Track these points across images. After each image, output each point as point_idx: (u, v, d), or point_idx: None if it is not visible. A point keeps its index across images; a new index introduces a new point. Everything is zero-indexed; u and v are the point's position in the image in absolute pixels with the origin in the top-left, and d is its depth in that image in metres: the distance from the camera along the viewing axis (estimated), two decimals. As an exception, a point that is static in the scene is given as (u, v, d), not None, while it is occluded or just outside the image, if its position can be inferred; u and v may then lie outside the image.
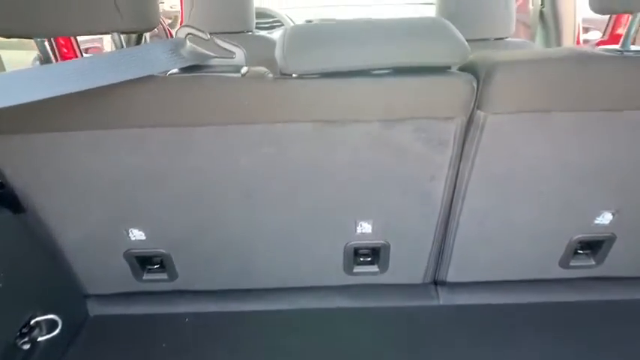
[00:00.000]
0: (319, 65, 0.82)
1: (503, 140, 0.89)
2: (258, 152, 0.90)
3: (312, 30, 0.89)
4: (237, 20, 1.81)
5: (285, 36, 0.87)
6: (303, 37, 0.85)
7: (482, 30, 1.69)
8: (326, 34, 0.85)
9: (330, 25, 0.90)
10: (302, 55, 0.82)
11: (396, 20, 0.89)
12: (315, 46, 0.82)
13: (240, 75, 0.86)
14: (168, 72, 0.86)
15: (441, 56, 0.82)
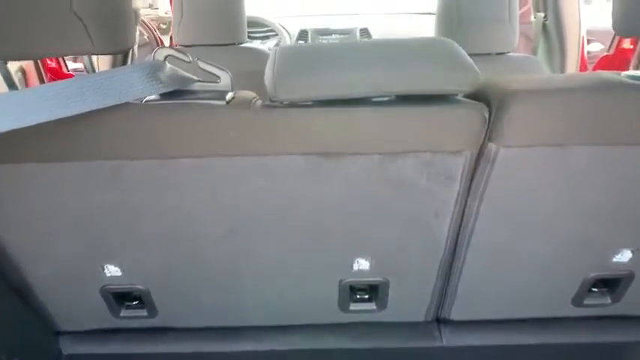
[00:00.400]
0: (312, 92, 0.73)
1: (516, 174, 0.81)
2: (244, 186, 0.82)
3: (304, 52, 0.80)
4: (228, 32, 1.72)
5: (274, 59, 0.78)
6: (295, 60, 0.77)
7: (484, 44, 1.61)
8: (320, 57, 0.77)
9: (325, 46, 0.82)
10: (293, 81, 0.74)
11: (398, 42, 0.81)
12: (308, 71, 0.74)
13: (225, 102, 0.78)
14: (144, 99, 0.78)
15: (448, 83, 0.73)
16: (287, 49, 0.81)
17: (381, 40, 0.82)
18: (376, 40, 0.83)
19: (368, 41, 0.75)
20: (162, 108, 0.76)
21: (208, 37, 1.72)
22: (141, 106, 0.76)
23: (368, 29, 2.91)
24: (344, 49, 0.80)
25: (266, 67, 0.79)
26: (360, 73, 0.73)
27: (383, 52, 0.77)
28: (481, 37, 1.61)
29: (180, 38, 1.72)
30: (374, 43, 0.81)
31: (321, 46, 0.83)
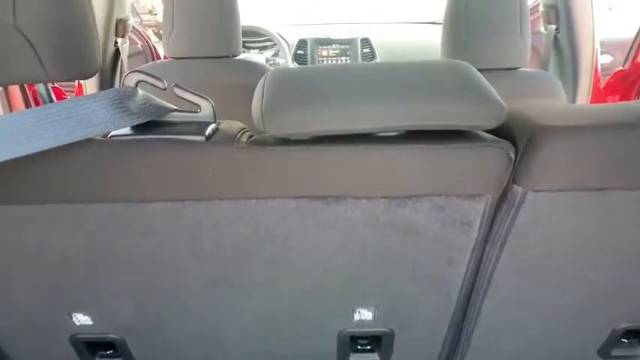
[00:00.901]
0: (308, 127, 0.63)
1: (544, 220, 0.70)
2: (227, 233, 0.71)
3: (299, 78, 0.70)
4: (222, 44, 1.62)
5: (263, 86, 0.68)
6: (288, 88, 0.66)
7: (494, 58, 1.51)
8: (318, 84, 0.66)
9: (323, 70, 0.71)
10: (285, 113, 0.63)
11: (408, 66, 0.70)
12: (303, 101, 0.63)
13: (205, 137, 0.67)
14: (109, 133, 0.67)
15: (468, 118, 0.63)
16: (278, 74, 0.70)
17: (387, 65, 0.72)
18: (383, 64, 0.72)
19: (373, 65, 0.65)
20: (129, 145, 0.66)
21: (201, 49, 1.61)
22: (105, 143, 0.65)
23: (369, 39, 2.81)
24: (345, 74, 0.70)
25: (254, 94, 0.68)
26: (364, 104, 0.62)
27: (391, 79, 0.67)
28: (491, 52, 1.50)
29: (171, 50, 1.62)
30: (380, 67, 0.71)
31: (319, 70, 0.72)
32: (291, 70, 0.76)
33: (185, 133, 0.67)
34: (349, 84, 0.66)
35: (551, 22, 1.81)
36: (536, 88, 1.52)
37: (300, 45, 2.78)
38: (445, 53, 1.55)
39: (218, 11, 1.58)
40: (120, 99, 0.63)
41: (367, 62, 0.77)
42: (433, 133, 0.64)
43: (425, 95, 0.63)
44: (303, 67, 0.79)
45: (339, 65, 0.74)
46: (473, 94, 0.63)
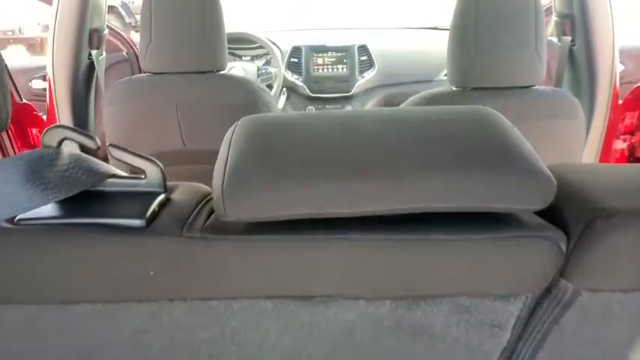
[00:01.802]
0: (284, 209, 0.47)
1: (597, 321, 0.54)
2: (181, 337, 0.55)
3: (275, 137, 0.54)
4: (205, 58, 1.46)
5: (229, 146, 0.52)
6: (258, 153, 0.51)
7: (507, 76, 1.36)
8: (300, 146, 0.51)
9: (307, 121, 0.56)
10: (254, 193, 0.48)
11: (420, 118, 0.55)
12: (279, 174, 0.48)
13: (145, 221, 0.51)
14: (17, 217, 0.51)
15: (506, 198, 0.47)
16: (249, 128, 0.55)
17: (392, 116, 0.56)
18: (385, 115, 0.55)
19: (373, 116, 0.50)
20: (42, 233, 0.50)
21: (182, 64, 1.46)
22: (11, 231, 0.50)
23: (367, 46, 2.66)
24: (338, 131, 0.54)
25: (217, 159, 0.53)
26: (363, 179, 0.47)
27: (397, 139, 0.51)
28: (502, 68, 1.35)
29: (148, 64, 1.47)
30: (383, 120, 0.55)
31: (303, 122, 0.57)
32: (265, 122, 0.60)
33: (119, 215, 0.51)
34: (342, 146, 0.50)
35: (566, 33, 1.65)
36: (552, 109, 1.37)
37: (293, 52, 2.64)
38: (451, 70, 1.40)
39: (200, 22, 1.43)
40: (33, 167, 0.48)
41: (366, 112, 0.63)
42: (455, 217, 0.49)
43: (446, 166, 0.47)
44: (283, 118, 0.63)
45: (329, 116, 0.56)
46: (511, 166, 0.48)
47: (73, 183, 0.50)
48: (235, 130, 0.56)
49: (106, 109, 1.50)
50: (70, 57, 1.59)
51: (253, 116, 0.61)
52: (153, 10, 1.43)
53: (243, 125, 0.57)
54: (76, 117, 1.66)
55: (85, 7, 1.58)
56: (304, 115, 0.60)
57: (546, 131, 1.37)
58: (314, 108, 2.67)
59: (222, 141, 0.58)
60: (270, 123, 0.59)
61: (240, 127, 0.57)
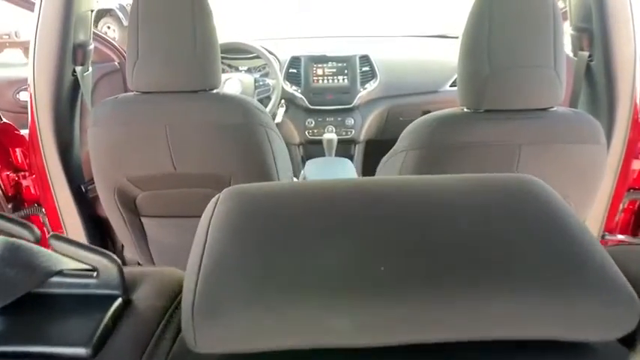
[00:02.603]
0: (273, 340, 0.36)
1: None
2: None
3: (263, 225, 0.43)
4: (197, 76, 1.35)
5: (206, 232, 0.41)
6: (241, 254, 0.39)
7: (522, 97, 1.24)
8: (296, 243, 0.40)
9: (310, 198, 0.45)
10: (232, 320, 0.36)
11: (455, 193, 0.43)
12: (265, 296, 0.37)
13: (90, 349, 0.40)
14: None
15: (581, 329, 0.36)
16: (231, 209, 0.44)
17: (418, 189, 0.44)
18: (409, 189, 0.42)
19: (395, 194, 0.39)
20: None
21: (171, 83, 1.35)
22: None
23: (369, 56, 2.55)
24: (350, 224, 0.42)
25: (193, 243, 0.42)
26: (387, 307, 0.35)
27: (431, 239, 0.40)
28: (519, 88, 1.24)
29: (135, 83, 1.36)
30: (407, 199, 0.43)
31: (304, 208, 0.45)
32: (254, 199, 0.49)
33: (58, 340, 0.40)
34: (356, 249, 0.39)
35: (584, 48, 1.54)
36: (572, 133, 1.26)
37: (292, 62, 2.53)
38: (463, 90, 1.29)
39: (191, 37, 1.32)
40: None
41: (384, 186, 0.51)
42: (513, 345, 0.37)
43: (504, 285, 0.36)
44: (278, 193, 0.50)
45: (335, 193, 0.44)
46: (587, 288, 0.36)
47: (3, 288, 0.39)
48: (216, 207, 0.46)
49: (91, 130, 1.39)
50: (52, 74, 1.48)
51: (240, 188, 0.50)
52: (140, 25, 1.32)
53: (226, 202, 0.46)
54: (59, 138, 1.55)
55: (67, 20, 1.47)
56: (305, 189, 0.48)
57: (566, 157, 1.27)
58: (313, 121, 2.57)
59: (204, 213, 0.47)
60: (261, 201, 0.48)
61: (222, 204, 0.46)
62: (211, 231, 0.43)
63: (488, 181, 0.48)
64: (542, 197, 0.45)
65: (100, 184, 1.48)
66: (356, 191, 0.47)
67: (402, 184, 0.47)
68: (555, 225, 0.41)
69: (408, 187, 0.46)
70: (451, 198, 0.44)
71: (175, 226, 1.63)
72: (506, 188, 0.46)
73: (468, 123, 1.27)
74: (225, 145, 1.39)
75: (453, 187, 0.45)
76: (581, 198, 1.34)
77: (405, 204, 0.43)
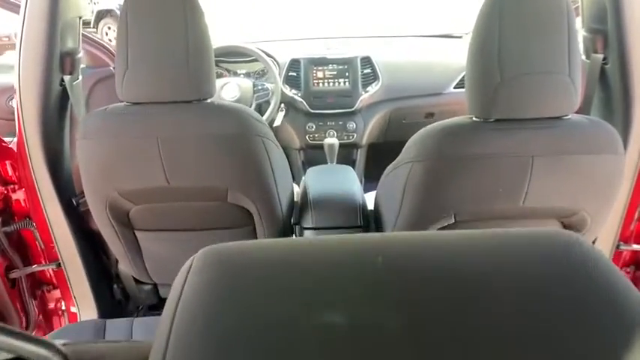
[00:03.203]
0: None
1: None
2: None
3: (239, 301, 0.35)
4: (190, 85, 1.28)
5: (177, 300, 0.34)
6: (210, 343, 0.32)
7: (535, 105, 1.17)
8: (274, 334, 0.32)
9: (298, 265, 0.38)
10: None
11: (486, 264, 0.36)
12: None
13: None
14: None
15: None
16: (206, 275, 0.37)
17: (437, 253, 0.37)
18: (425, 252, 0.34)
19: (408, 256, 0.33)
20: None
21: (163, 93, 1.28)
22: None
23: (370, 58, 2.48)
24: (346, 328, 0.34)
25: (163, 314, 0.35)
26: None
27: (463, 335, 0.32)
28: (532, 96, 1.17)
29: (125, 93, 1.29)
30: (423, 264, 0.36)
31: (290, 278, 0.38)
32: (233, 265, 0.41)
33: None
34: (351, 344, 0.31)
35: (597, 51, 1.47)
36: (588, 142, 1.19)
37: (292, 65, 2.46)
38: (472, 98, 1.22)
39: (184, 46, 1.25)
40: None
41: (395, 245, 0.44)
42: None
43: None
44: (262, 259, 0.42)
45: (332, 260, 0.37)
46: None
47: None
48: (189, 274, 0.39)
49: (80, 143, 1.32)
50: (39, 84, 1.41)
51: (218, 251, 0.43)
52: (129, 32, 1.25)
53: (201, 270, 0.39)
54: (48, 151, 1.48)
55: (53, 27, 1.40)
56: (300, 252, 0.40)
57: (581, 168, 1.19)
58: (314, 125, 2.50)
59: (179, 274, 0.40)
60: (242, 268, 0.40)
61: (195, 273, 0.39)
62: (182, 305, 0.36)
63: (522, 242, 0.41)
64: (589, 264, 0.37)
65: (91, 198, 1.41)
66: (359, 254, 0.39)
67: (417, 246, 0.40)
68: (612, 306, 0.34)
69: (426, 254, 0.39)
70: (481, 269, 0.37)
71: (171, 239, 1.56)
72: (546, 253, 0.39)
73: (477, 133, 1.19)
74: (220, 157, 1.32)
75: (478, 252, 0.38)
76: (597, 210, 1.27)
77: (424, 279, 0.35)
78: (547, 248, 0.39)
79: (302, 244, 0.41)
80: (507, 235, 0.42)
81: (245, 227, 1.50)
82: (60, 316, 1.84)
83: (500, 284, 0.36)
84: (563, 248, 0.39)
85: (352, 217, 1.60)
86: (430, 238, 0.41)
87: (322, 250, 0.40)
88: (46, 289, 1.79)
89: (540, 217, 1.30)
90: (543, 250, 0.40)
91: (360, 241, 0.42)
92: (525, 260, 0.38)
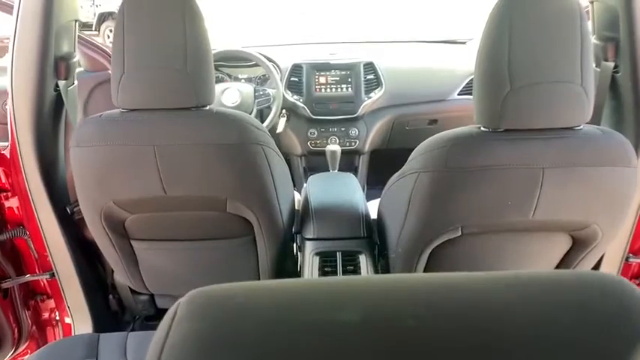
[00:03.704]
0: None
1: None
2: None
3: None
4: (188, 92, 1.23)
5: (161, 349, 0.30)
6: None
7: (547, 115, 1.12)
8: None
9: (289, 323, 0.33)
10: None
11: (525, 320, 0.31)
12: None
13: None
14: None
15: None
16: (190, 323, 0.32)
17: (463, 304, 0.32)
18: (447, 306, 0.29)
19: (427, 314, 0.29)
20: None
21: (160, 99, 1.24)
22: None
23: (373, 63, 2.44)
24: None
25: None
26: None
27: None
28: (543, 106, 1.12)
29: (121, 100, 1.25)
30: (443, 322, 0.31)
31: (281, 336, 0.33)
32: (219, 312, 0.36)
33: None
34: None
35: (608, 59, 1.42)
36: (601, 154, 1.14)
37: (294, 71, 2.42)
38: (480, 107, 1.17)
39: (182, 51, 1.20)
40: None
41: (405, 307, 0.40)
42: None
43: None
44: (252, 309, 0.36)
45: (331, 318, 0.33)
46: None
47: None
48: (174, 322, 0.34)
49: (73, 150, 1.28)
50: (32, 90, 1.37)
51: (206, 295, 0.38)
52: (126, 36, 1.21)
53: (186, 318, 0.34)
54: (42, 158, 1.44)
55: (47, 31, 1.36)
56: (296, 296, 0.35)
57: (594, 181, 1.15)
58: (316, 131, 2.46)
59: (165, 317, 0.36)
60: (231, 317, 0.35)
61: (180, 321, 0.34)
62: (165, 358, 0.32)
63: (561, 290, 0.36)
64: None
65: (85, 207, 1.37)
66: (364, 301, 0.34)
67: (432, 290, 0.35)
68: None
69: (444, 298, 0.34)
70: (515, 322, 0.32)
71: (168, 249, 1.52)
72: (590, 298, 0.34)
73: (485, 144, 1.15)
74: (220, 167, 1.28)
75: (511, 304, 0.33)
76: (609, 224, 1.22)
77: (441, 336, 0.31)
78: (587, 288, 0.34)
79: (302, 288, 0.37)
80: (548, 278, 0.37)
81: (244, 237, 1.46)
82: (54, 326, 1.80)
83: (544, 339, 0.31)
84: (611, 294, 0.34)
85: (355, 227, 1.56)
86: (446, 284, 0.36)
87: (324, 298, 0.35)
88: (40, 299, 1.74)
89: (550, 230, 1.26)
90: (583, 290, 0.35)
91: (364, 284, 0.37)
92: (564, 307, 0.33)
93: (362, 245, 1.52)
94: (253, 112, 2.27)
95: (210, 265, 1.55)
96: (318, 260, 1.48)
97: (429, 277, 0.38)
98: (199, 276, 1.58)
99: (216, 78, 2.39)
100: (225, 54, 2.31)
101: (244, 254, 1.49)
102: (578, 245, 1.29)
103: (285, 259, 1.57)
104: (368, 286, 0.35)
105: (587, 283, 0.35)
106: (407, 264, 1.32)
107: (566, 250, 1.32)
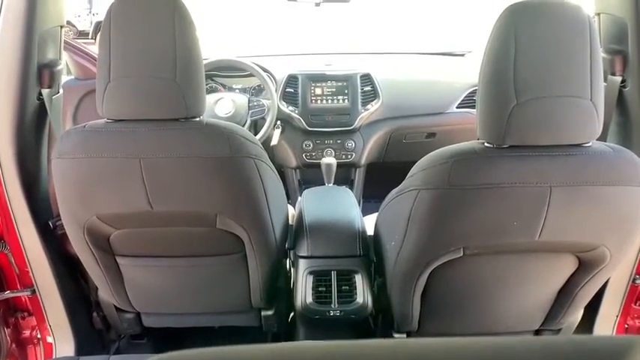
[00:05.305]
0: None
1: None
2: None
3: None
4: (177, 102, 1.17)
5: None
6: None
7: (555, 131, 1.07)
8: None
9: None
10: None
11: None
12: None
13: None
14: None
15: None
16: None
17: None
18: None
19: None
20: None
21: (147, 110, 1.18)
22: None
23: (370, 75, 2.39)
24: None
25: None
26: None
27: None
28: (550, 121, 1.07)
29: (107, 110, 1.18)
30: None
31: None
32: None
33: None
34: None
35: (615, 73, 1.38)
36: (610, 173, 1.09)
37: (289, 81, 2.37)
38: (484, 123, 1.12)
39: (172, 59, 1.14)
40: None
41: None
42: None
43: None
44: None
45: None
46: None
47: None
48: None
49: (55, 162, 1.21)
50: (14, 98, 1.31)
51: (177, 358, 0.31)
52: (112, 42, 1.15)
53: None
54: (23, 169, 1.37)
55: (30, 37, 1.30)
56: None
57: (603, 200, 1.09)
58: (311, 143, 2.40)
59: None
60: None
61: None
62: None
63: None
64: None
65: (68, 222, 1.30)
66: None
67: None
68: None
69: None
70: None
71: (155, 265, 1.45)
72: None
73: (490, 160, 1.09)
74: (209, 181, 1.22)
75: None
76: (618, 246, 1.16)
77: None
78: None
79: (278, 356, 0.30)
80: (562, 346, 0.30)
81: (235, 254, 1.39)
82: (35, 345, 1.72)
83: None
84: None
85: (350, 245, 1.50)
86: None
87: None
88: (21, 317, 1.66)
89: (556, 251, 1.20)
90: None
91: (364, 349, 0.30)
92: None
93: (358, 264, 1.45)
94: (247, 123, 2.21)
95: (198, 283, 1.49)
96: (312, 279, 1.41)
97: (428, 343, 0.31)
98: (187, 294, 1.51)
99: (209, 88, 2.34)
100: (220, 63, 2.26)
101: (234, 272, 1.43)
102: (584, 267, 1.23)
103: (277, 277, 1.51)
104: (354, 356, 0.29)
105: None
106: (405, 285, 1.25)
107: (572, 272, 1.26)
